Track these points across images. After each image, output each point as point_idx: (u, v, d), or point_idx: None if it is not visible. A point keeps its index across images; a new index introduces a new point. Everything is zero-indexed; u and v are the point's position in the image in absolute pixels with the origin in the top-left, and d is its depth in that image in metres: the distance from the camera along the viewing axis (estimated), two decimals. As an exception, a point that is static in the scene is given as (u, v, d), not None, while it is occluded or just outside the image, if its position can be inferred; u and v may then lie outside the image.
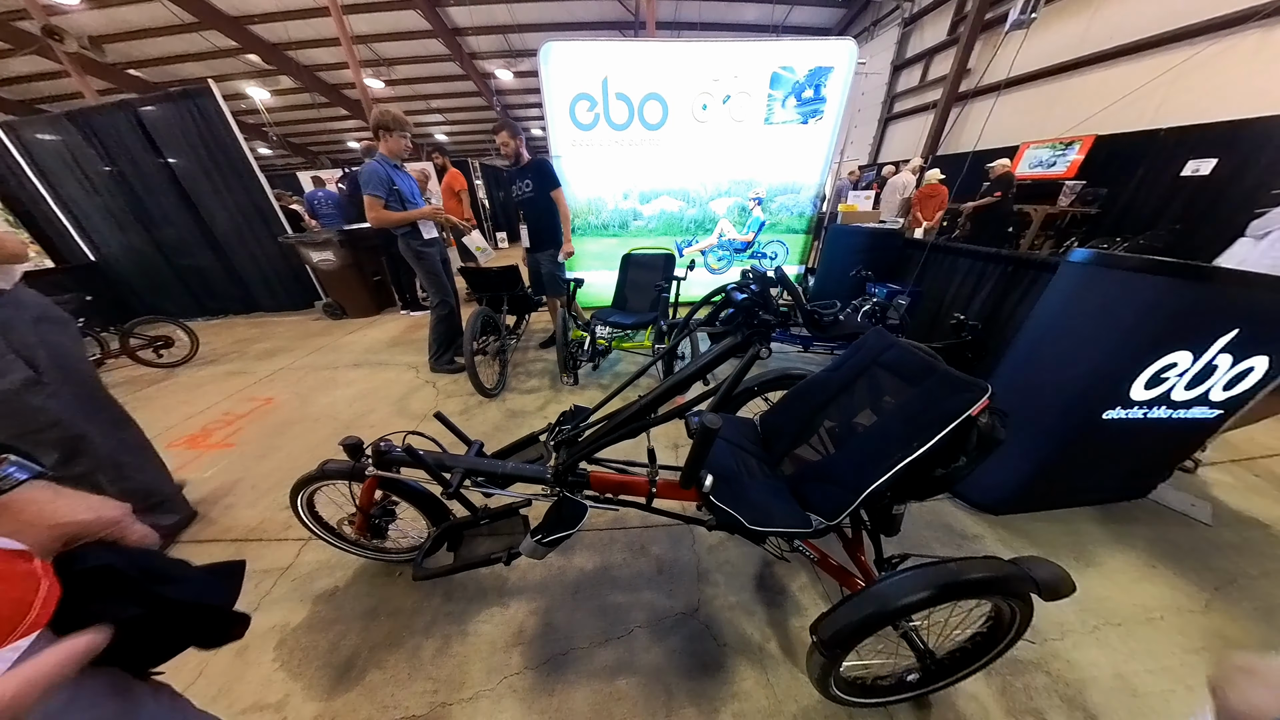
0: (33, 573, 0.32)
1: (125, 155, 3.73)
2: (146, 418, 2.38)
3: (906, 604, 0.72)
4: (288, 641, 1.11)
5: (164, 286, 4.36)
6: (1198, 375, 1.20)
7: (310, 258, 3.90)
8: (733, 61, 3.18)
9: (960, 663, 0.90)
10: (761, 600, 1.19)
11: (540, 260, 2.55)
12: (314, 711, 0.96)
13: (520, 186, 2.50)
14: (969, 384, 0.81)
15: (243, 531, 1.48)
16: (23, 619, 0.30)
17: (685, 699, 0.97)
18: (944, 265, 2.56)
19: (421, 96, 13.15)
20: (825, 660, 0.78)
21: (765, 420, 1.22)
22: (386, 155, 2.20)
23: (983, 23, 6.49)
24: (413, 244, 2.34)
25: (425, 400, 2.41)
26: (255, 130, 12.99)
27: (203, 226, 4.10)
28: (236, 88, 10.50)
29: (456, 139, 18.07)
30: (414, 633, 1.12)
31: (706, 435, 0.67)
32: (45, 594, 0.32)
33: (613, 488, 0.98)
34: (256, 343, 3.64)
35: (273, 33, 8.81)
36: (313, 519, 1.21)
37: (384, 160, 2.19)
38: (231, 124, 3.64)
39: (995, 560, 0.76)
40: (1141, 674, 1.02)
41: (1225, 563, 1.34)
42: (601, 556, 1.34)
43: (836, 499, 0.87)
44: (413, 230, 2.32)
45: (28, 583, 0.31)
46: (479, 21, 9.13)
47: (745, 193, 3.72)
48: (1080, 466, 1.39)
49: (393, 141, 2.16)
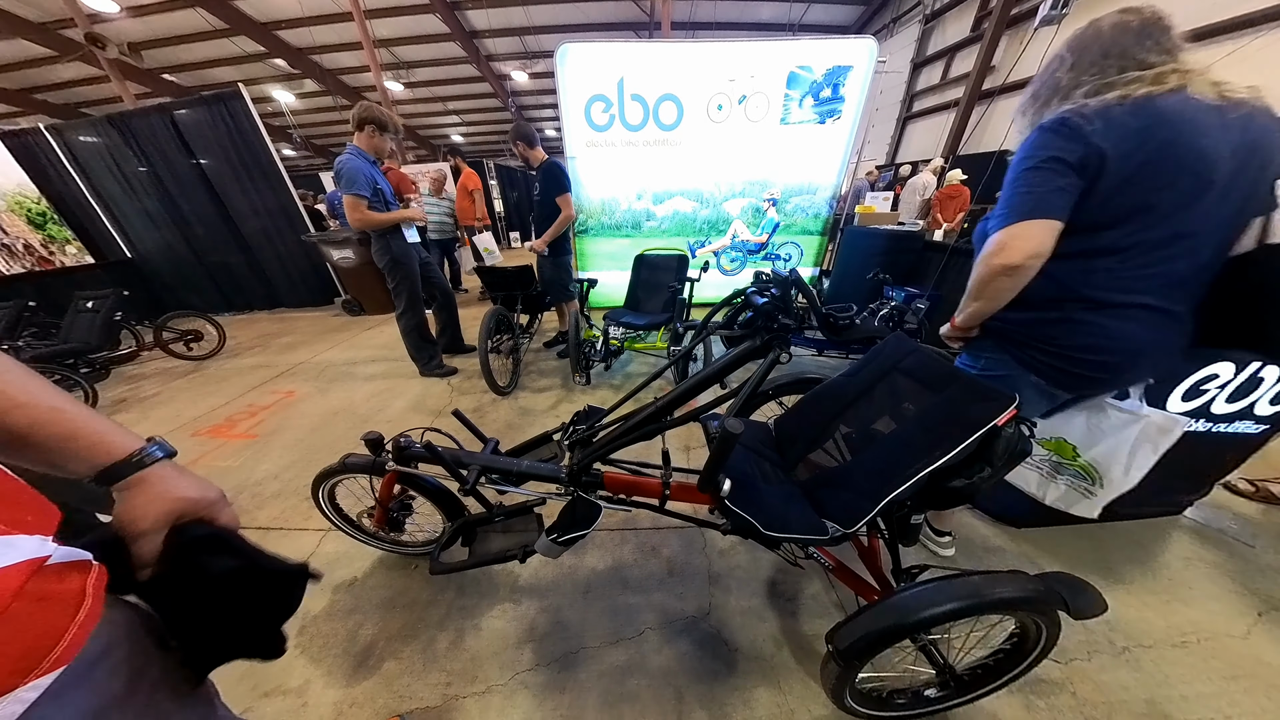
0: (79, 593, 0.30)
1: (160, 156, 3.90)
2: (178, 408, 2.50)
3: (929, 616, 0.70)
4: (309, 629, 1.14)
5: (194, 282, 4.55)
6: (1241, 387, 1.14)
7: (331, 255, 4.01)
8: (749, 61, 3.16)
9: (981, 680, 0.87)
10: (774, 607, 1.18)
11: (542, 264, 2.57)
12: (334, 698, 0.99)
13: (534, 189, 2.53)
14: (994, 393, 0.78)
15: (266, 520, 1.53)
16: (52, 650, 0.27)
17: (696, 703, 0.96)
18: (966, 269, 2.47)
19: (439, 98, 13.41)
20: (841, 670, 0.77)
21: (780, 424, 1.21)
22: (364, 150, 2.00)
23: (1008, 18, 6.29)
24: (393, 246, 2.16)
25: (440, 396, 2.45)
26: (280, 132, 13.43)
27: (231, 225, 4.26)
28: (263, 91, 10.88)
29: (472, 140, 18.37)
30: (429, 625, 1.14)
31: (727, 440, 0.67)
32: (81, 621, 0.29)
33: (626, 489, 0.98)
34: (279, 337, 3.76)
35: (298, 37, 9.10)
36: (333, 511, 1.24)
37: (361, 155, 2.00)
38: (259, 126, 3.77)
39: (1022, 575, 0.73)
40: (1175, 700, 0.98)
41: (1270, 586, 1.26)
42: (613, 557, 1.34)
43: (853, 507, 0.86)
44: (394, 232, 2.15)
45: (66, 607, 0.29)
46: (496, 24, 9.26)
47: (760, 193, 3.69)
48: (1110, 480, 1.33)
49: (378, 140, 1.99)
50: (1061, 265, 0.77)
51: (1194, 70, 0.71)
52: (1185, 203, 0.71)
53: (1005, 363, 0.92)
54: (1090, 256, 0.77)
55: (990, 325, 0.92)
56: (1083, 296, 0.79)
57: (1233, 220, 0.76)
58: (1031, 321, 0.85)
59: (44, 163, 3.98)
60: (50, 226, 4.07)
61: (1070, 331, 0.82)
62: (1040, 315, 0.84)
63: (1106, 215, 0.73)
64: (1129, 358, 0.82)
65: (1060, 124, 0.72)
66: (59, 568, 0.30)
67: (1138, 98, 0.69)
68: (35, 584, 0.27)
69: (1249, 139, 0.69)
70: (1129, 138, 0.68)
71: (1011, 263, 0.77)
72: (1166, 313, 0.78)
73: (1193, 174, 0.69)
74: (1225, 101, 0.69)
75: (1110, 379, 0.90)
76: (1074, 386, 0.90)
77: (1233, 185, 0.70)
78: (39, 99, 10.11)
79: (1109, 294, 0.77)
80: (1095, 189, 0.72)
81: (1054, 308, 0.82)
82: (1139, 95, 0.69)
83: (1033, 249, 0.75)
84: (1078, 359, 0.83)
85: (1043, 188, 0.73)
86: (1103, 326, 0.79)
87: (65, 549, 0.30)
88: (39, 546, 0.29)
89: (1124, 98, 0.69)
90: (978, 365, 0.99)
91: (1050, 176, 0.72)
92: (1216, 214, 0.72)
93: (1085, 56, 0.76)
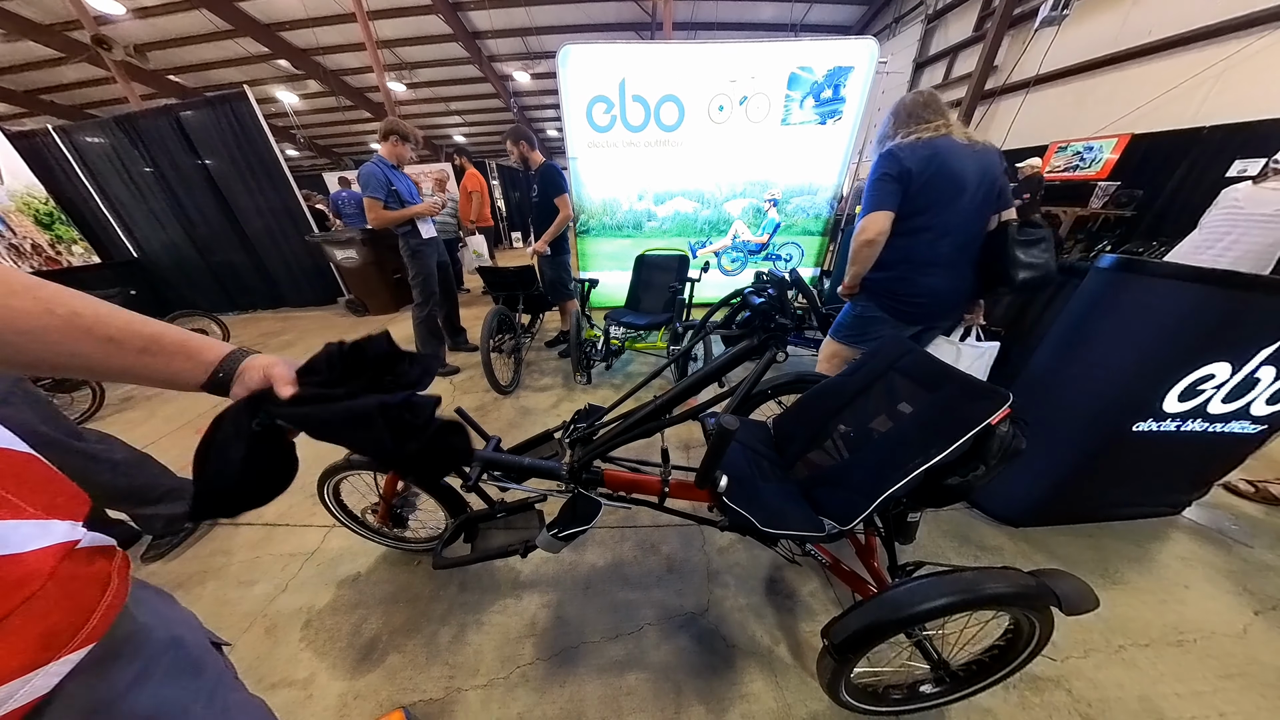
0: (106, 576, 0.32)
1: (166, 157, 3.94)
2: (183, 405, 2.52)
3: (921, 611, 0.71)
4: (313, 622, 1.16)
5: (198, 282, 4.59)
6: (1237, 388, 1.15)
7: (334, 255, 4.04)
8: (750, 63, 3.17)
9: (976, 675, 0.88)
10: (772, 603, 1.19)
11: (542, 265, 2.59)
12: (338, 690, 1.00)
13: (532, 191, 2.55)
14: (989, 391, 0.80)
15: (272, 516, 1.55)
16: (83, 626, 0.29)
17: (694, 697, 0.98)
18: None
19: (441, 99, 13.44)
20: (836, 664, 0.78)
21: (779, 423, 1.22)
22: (385, 158, 2.29)
23: (1011, 18, 6.27)
24: (410, 242, 2.40)
25: (442, 395, 2.46)
26: (284, 133, 13.49)
27: (235, 225, 4.29)
28: (267, 92, 10.93)
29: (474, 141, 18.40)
30: (431, 620, 1.16)
31: (723, 436, 0.68)
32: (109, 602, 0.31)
33: (626, 486, 1.00)
34: (282, 336, 3.80)
35: (302, 39, 9.14)
36: (338, 507, 1.26)
37: (382, 162, 2.26)
38: (264, 127, 3.80)
39: (1014, 571, 0.75)
40: (1170, 698, 0.98)
41: (1267, 586, 1.27)
42: (612, 553, 1.36)
43: (850, 504, 0.87)
44: (411, 228, 2.38)
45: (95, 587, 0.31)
46: (498, 25, 9.28)
47: (761, 194, 3.70)
48: (1107, 479, 1.34)
49: (399, 149, 2.27)
50: (898, 241, 1.25)
51: (954, 124, 1.22)
52: (951, 201, 1.19)
53: (872, 307, 1.39)
54: (911, 235, 1.24)
55: (865, 283, 1.37)
56: (910, 260, 1.27)
57: (981, 211, 1.24)
58: (885, 279, 1.33)
59: (52, 164, 4.02)
60: (58, 227, 4.11)
61: (905, 285, 1.30)
62: (889, 274, 1.31)
63: (915, 208, 1.21)
64: (935, 300, 1.31)
65: (889, 154, 1.21)
66: (88, 552, 0.31)
67: (925, 138, 1.19)
68: (66, 566, 0.29)
69: (983, 164, 1.19)
70: (921, 161, 1.17)
71: (869, 238, 1.24)
72: (953, 269, 1.27)
73: (954, 183, 1.18)
74: (970, 141, 1.20)
75: (927, 315, 1.35)
76: (911, 320, 1.36)
77: (977, 191, 1.20)
78: (46, 100, 10.19)
79: (923, 259, 1.26)
80: (908, 192, 1.19)
81: (895, 269, 1.30)
82: (925, 137, 1.19)
83: (879, 229, 1.23)
84: (909, 302, 1.32)
85: (881, 192, 1.21)
86: (921, 281, 1.28)
87: (94, 534, 0.32)
88: (70, 531, 0.30)
89: (919, 139, 1.20)
90: (856, 310, 1.44)
91: (885, 184, 1.21)
92: (970, 208, 1.21)
93: (900, 118, 1.27)
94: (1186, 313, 1.04)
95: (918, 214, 1.20)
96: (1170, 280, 1.05)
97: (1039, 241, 1.20)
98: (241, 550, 1.42)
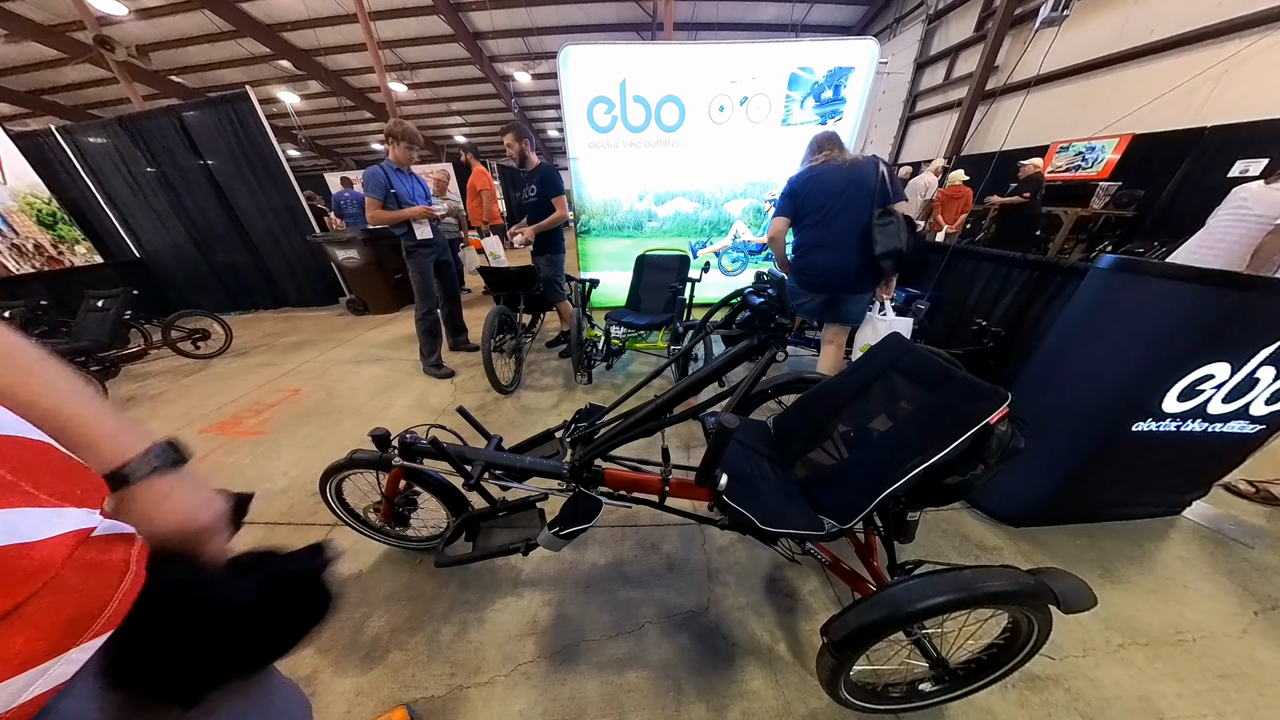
0: (124, 563, 0.31)
1: (168, 157, 3.95)
2: (186, 405, 2.53)
3: (919, 609, 0.72)
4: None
5: (200, 282, 4.60)
6: (1237, 388, 1.15)
7: (336, 255, 4.05)
8: (750, 63, 3.17)
9: (974, 674, 0.89)
10: (771, 602, 1.20)
11: (539, 264, 2.59)
12: (341, 688, 1.01)
13: (527, 191, 2.54)
14: (988, 391, 0.80)
15: (274, 515, 1.56)
16: (99, 616, 0.29)
17: (694, 695, 0.98)
18: (966, 270, 2.49)
19: (442, 99, 13.45)
20: (835, 662, 0.79)
21: (779, 423, 1.22)
22: (392, 160, 2.37)
23: (1012, 18, 6.27)
24: (405, 244, 2.46)
25: (443, 395, 2.48)
26: (285, 133, 13.52)
27: (237, 225, 4.30)
28: (269, 92, 10.96)
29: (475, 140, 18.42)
30: (433, 618, 1.16)
31: (723, 435, 0.68)
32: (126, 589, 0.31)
33: (627, 485, 1.00)
34: (284, 336, 3.80)
35: (303, 39, 9.16)
36: (340, 505, 1.27)
37: (387, 165, 2.36)
38: (266, 127, 3.81)
39: (1012, 569, 0.75)
40: (1169, 697, 0.99)
41: (1267, 586, 1.27)
42: (613, 552, 1.36)
43: (849, 503, 0.88)
44: (407, 230, 2.43)
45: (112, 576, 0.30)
46: (499, 25, 9.30)
47: (761, 194, 3.70)
48: (1107, 479, 1.35)
49: (399, 150, 2.32)
50: (800, 235, 1.77)
51: (836, 154, 1.68)
52: (824, 205, 1.65)
53: (792, 280, 1.89)
54: (804, 230, 1.74)
55: (791, 266, 1.87)
56: (805, 245, 1.76)
57: (856, 207, 1.61)
58: (795, 261, 1.84)
59: (55, 164, 4.03)
60: (60, 227, 4.12)
61: (804, 263, 1.79)
62: (798, 257, 1.81)
63: (802, 212, 1.71)
64: (826, 272, 1.74)
65: (796, 176, 1.74)
66: (105, 539, 0.31)
67: (812, 165, 1.71)
68: (83, 553, 0.29)
69: (852, 177, 1.61)
70: (802, 183, 1.70)
71: (771, 236, 1.80)
72: (836, 249, 1.67)
73: (825, 193, 1.65)
74: (846, 161, 1.64)
75: (825, 285, 1.77)
76: (814, 289, 1.81)
77: (845, 195, 1.62)
78: (49, 100, 10.22)
79: (811, 244, 1.73)
80: (798, 203, 1.72)
81: (799, 253, 1.80)
82: (814, 165, 1.71)
83: (779, 230, 1.77)
84: (808, 275, 1.79)
85: (782, 203, 1.76)
86: (813, 259, 1.75)
87: (110, 522, 0.32)
88: (85, 518, 0.30)
89: (812, 165, 1.71)
90: (789, 285, 1.92)
91: (781, 201, 1.76)
92: (837, 207, 1.63)
93: (811, 149, 1.74)
94: (1186, 313, 1.05)
95: (806, 215, 1.70)
96: (1170, 280, 1.05)
97: (889, 224, 1.56)
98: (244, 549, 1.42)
